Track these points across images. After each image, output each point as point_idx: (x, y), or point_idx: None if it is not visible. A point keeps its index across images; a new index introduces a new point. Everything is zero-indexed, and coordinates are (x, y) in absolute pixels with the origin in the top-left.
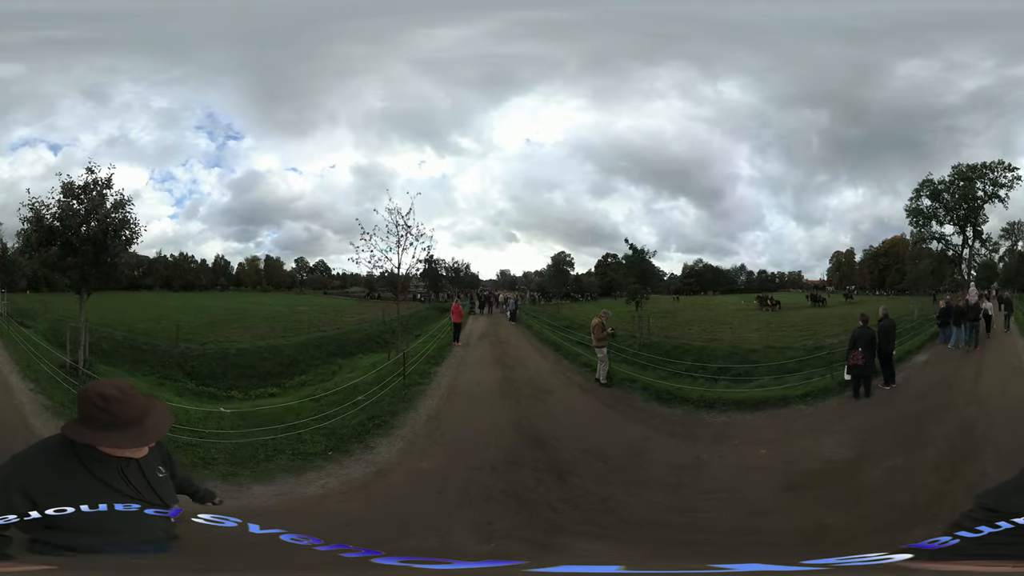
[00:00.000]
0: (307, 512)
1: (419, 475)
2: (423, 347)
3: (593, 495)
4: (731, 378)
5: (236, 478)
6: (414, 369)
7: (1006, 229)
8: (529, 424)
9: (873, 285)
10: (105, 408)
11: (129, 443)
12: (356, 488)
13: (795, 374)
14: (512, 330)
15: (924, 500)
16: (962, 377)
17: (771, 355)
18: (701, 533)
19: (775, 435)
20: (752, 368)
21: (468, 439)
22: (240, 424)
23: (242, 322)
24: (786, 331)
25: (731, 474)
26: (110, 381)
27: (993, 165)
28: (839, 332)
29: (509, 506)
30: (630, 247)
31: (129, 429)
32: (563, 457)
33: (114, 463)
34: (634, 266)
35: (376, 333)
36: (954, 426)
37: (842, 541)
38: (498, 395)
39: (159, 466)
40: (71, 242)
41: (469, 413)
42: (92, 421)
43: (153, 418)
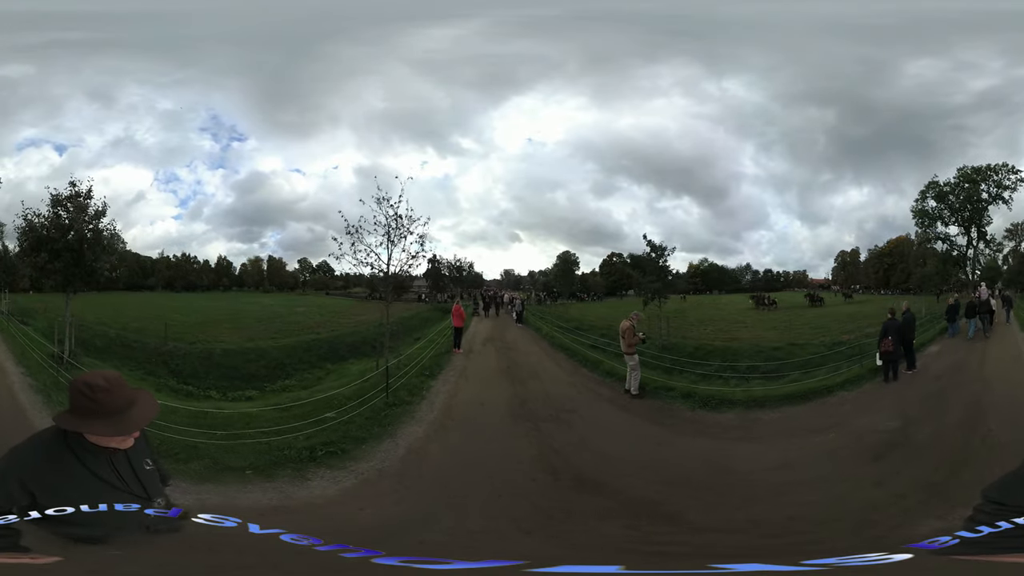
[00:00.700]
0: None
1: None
2: (419, 354)
3: (730, 534)
4: (761, 376)
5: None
6: (403, 383)
7: (1010, 230)
8: (561, 459)
9: (878, 284)
10: (92, 397)
11: (112, 431)
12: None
13: (821, 368)
14: (519, 333)
15: (957, 451)
16: (970, 362)
17: (795, 352)
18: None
19: (832, 420)
20: (780, 365)
21: (469, 484)
22: (186, 422)
23: (235, 322)
24: (802, 329)
25: (825, 462)
26: (100, 372)
27: (997, 167)
28: (852, 330)
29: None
30: (648, 243)
31: (113, 417)
32: (642, 498)
33: (104, 454)
34: (653, 264)
35: (372, 336)
36: (966, 399)
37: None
38: (509, 418)
39: (146, 459)
40: (56, 248)
41: (469, 445)
42: (79, 409)
43: (138, 408)
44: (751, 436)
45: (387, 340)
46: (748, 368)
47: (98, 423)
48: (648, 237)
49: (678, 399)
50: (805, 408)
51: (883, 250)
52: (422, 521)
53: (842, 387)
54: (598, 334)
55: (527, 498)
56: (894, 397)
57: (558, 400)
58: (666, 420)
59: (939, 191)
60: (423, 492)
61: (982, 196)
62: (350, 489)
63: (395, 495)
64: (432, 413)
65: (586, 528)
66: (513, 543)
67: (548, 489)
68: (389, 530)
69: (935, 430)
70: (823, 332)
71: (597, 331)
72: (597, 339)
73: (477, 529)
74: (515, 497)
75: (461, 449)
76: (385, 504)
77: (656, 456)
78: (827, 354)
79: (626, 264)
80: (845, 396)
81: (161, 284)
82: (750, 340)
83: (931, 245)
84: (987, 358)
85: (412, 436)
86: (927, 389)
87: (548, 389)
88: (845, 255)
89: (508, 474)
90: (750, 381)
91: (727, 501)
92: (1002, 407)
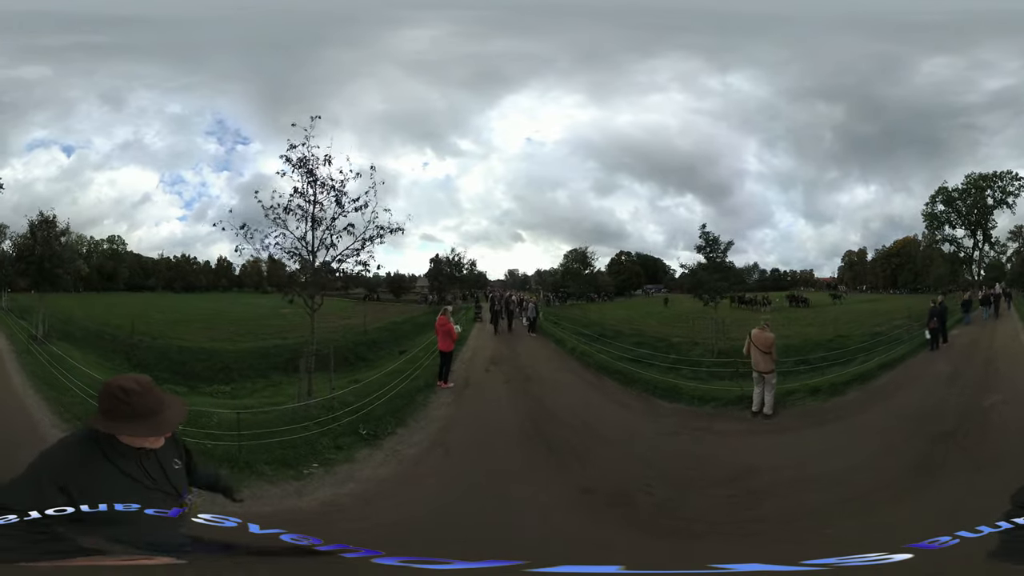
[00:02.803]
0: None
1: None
2: (385, 383)
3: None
4: (833, 363)
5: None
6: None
7: (1013, 232)
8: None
9: (886, 284)
10: (126, 400)
11: (148, 431)
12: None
13: (873, 352)
14: (536, 347)
15: (981, 378)
16: (983, 338)
17: (845, 343)
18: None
19: (913, 374)
20: (842, 353)
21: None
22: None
23: (208, 322)
24: (830, 326)
25: (924, 387)
26: (131, 376)
27: (1002, 175)
28: (881, 323)
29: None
30: (701, 236)
31: (148, 419)
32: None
33: (133, 454)
34: (712, 261)
35: (348, 346)
36: (984, 355)
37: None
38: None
39: (175, 459)
40: (27, 260)
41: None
42: (114, 412)
43: (169, 410)
44: (883, 398)
45: (310, 365)
46: (820, 359)
47: (134, 424)
48: (706, 227)
49: (807, 397)
50: (895, 372)
51: (891, 250)
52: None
53: (903, 359)
54: (630, 342)
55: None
56: (942, 357)
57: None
58: (829, 423)
59: (947, 196)
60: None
61: (987, 202)
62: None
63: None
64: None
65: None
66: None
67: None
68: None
69: (970, 369)
70: (855, 326)
71: (627, 338)
72: (634, 349)
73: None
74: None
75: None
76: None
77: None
78: (872, 342)
79: (634, 263)
80: (911, 362)
81: (161, 285)
82: (797, 337)
83: (939, 246)
84: (995, 335)
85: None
86: (959, 352)
87: (634, 470)
88: (852, 255)
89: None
90: (826, 371)
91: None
92: (1004, 359)
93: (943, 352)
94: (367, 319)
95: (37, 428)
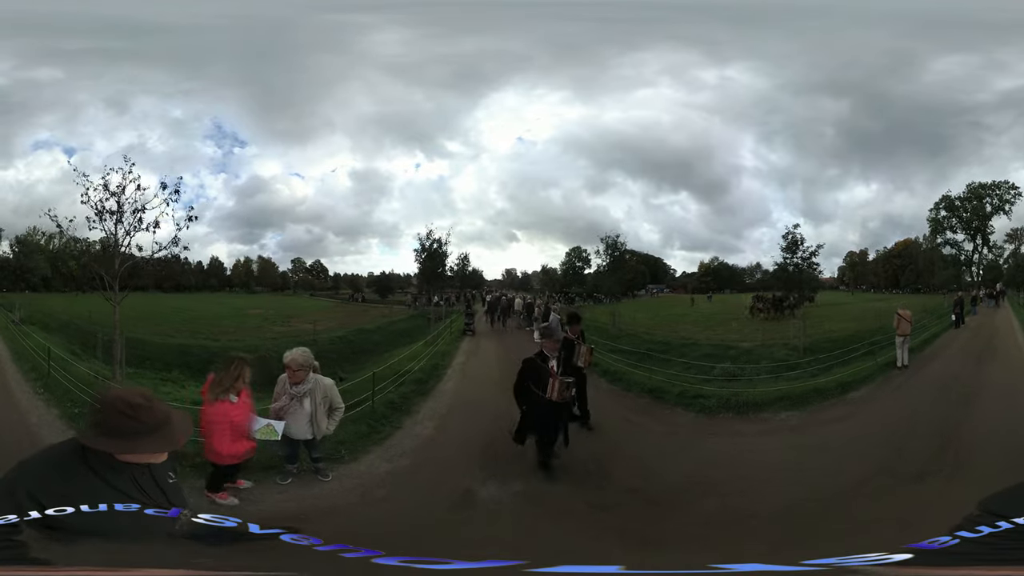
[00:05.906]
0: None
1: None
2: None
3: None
4: (883, 347)
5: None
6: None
7: (1009, 235)
8: None
9: (887, 284)
10: (134, 416)
11: (159, 448)
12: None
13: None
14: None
15: (986, 341)
16: (987, 321)
17: (871, 334)
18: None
19: (947, 341)
20: (884, 339)
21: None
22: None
23: (164, 319)
24: (871, 319)
25: (960, 349)
26: (134, 389)
27: (1000, 184)
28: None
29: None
30: (785, 236)
31: (156, 434)
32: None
33: (127, 470)
34: (798, 264)
35: (277, 353)
36: (990, 331)
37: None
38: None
39: (169, 472)
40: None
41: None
42: (120, 430)
43: (177, 422)
44: (937, 361)
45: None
46: (871, 343)
47: (141, 441)
48: (789, 228)
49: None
50: (931, 348)
51: (892, 251)
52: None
53: (938, 336)
54: (695, 356)
55: None
56: (965, 332)
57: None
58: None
59: (950, 203)
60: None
61: (986, 209)
62: None
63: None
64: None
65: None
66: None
67: None
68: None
69: (982, 335)
70: (870, 321)
71: (689, 350)
72: (714, 366)
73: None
74: None
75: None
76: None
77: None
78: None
79: (639, 262)
80: (945, 336)
81: (151, 285)
82: (844, 330)
83: (940, 248)
84: (995, 320)
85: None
86: (973, 330)
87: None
88: (854, 255)
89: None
90: (878, 354)
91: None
92: (1001, 332)
93: (962, 330)
94: (329, 324)
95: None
